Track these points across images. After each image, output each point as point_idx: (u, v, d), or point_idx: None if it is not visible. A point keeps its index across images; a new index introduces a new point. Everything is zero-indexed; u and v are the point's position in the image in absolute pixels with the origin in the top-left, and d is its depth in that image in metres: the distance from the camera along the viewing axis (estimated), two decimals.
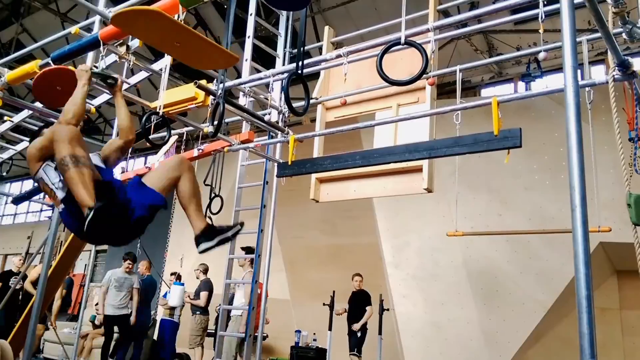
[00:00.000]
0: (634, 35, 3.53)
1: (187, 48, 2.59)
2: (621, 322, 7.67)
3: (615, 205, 5.91)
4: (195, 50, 2.61)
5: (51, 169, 2.68)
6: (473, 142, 3.54)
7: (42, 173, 2.69)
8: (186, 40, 2.54)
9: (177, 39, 2.54)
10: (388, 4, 8.72)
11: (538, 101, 7.26)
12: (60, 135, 2.58)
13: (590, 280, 1.74)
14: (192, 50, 2.61)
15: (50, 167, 2.68)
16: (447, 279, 8.02)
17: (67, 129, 2.60)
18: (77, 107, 2.73)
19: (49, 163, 2.69)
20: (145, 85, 10.04)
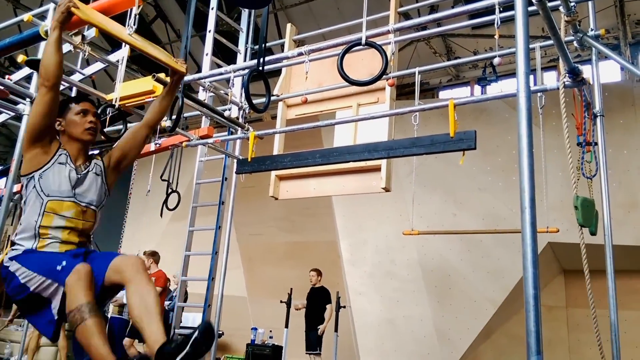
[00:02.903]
0: (584, 44, 3.69)
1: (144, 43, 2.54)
2: (567, 320, 8.00)
3: (564, 206, 6.16)
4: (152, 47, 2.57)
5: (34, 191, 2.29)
6: (430, 143, 3.62)
7: (25, 182, 2.32)
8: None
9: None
10: (350, 3, 8.78)
11: (493, 105, 7.48)
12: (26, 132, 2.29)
13: (538, 280, 1.81)
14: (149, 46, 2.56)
15: (34, 183, 2.29)
16: (402, 276, 8.15)
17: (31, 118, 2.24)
18: (48, 62, 2.20)
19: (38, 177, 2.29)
20: (101, 77, 9.77)
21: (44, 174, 2.28)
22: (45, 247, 2.23)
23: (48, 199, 2.26)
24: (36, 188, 2.27)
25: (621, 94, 7.41)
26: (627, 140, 7.16)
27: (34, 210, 2.26)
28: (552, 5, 3.17)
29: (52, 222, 2.25)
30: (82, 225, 2.32)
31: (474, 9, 3.14)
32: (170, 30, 10.76)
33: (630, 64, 7.86)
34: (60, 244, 2.25)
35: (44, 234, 2.24)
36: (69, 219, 2.28)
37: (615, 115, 7.11)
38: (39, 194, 2.27)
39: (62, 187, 2.29)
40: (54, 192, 2.28)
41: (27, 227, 2.26)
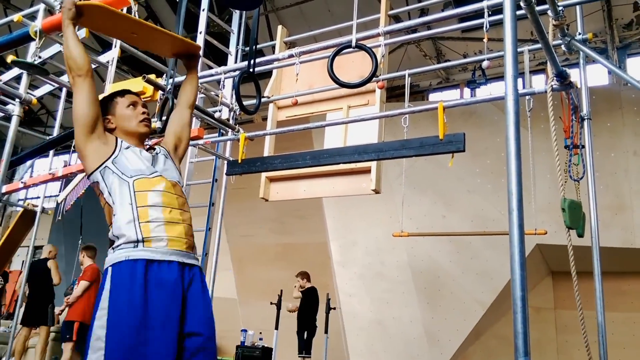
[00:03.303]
0: (572, 47, 3.73)
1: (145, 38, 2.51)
2: (555, 321, 8.07)
3: (552, 208, 6.21)
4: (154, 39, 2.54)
5: (115, 176, 2.11)
6: (419, 146, 3.65)
7: (99, 176, 2.14)
8: (142, 32, 2.48)
9: (133, 30, 2.47)
10: (341, 6, 8.81)
11: (482, 107, 7.53)
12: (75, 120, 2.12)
13: (525, 281, 1.83)
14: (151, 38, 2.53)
15: (111, 171, 2.12)
16: (392, 278, 8.18)
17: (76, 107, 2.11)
18: (74, 55, 2.13)
19: (111, 165, 2.12)
20: None
21: (116, 160, 2.12)
22: (152, 239, 2.01)
23: (133, 179, 2.09)
24: (116, 173, 2.10)
25: (608, 97, 7.49)
26: (614, 143, 7.24)
27: (123, 196, 2.06)
28: (540, 9, 3.21)
29: (148, 200, 2.06)
30: (177, 201, 2.14)
31: (464, 12, 3.16)
32: None
33: (618, 68, 7.96)
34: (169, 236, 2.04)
35: (144, 217, 2.02)
36: (164, 192, 2.11)
37: (602, 119, 7.19)
38: (121, 178, 2.09)
39: (142, 165, 2.14)
40: (136, 172, 2.11)
41: (122, 218, 2.04)
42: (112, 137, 2.20)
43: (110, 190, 2.09)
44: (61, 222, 7.36)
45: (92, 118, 2.13)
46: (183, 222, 2.12)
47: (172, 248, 2.04)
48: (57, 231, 12.50)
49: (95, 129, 2.14)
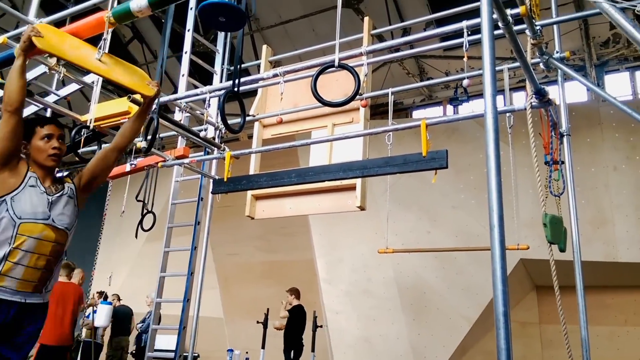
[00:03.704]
0: (551, 65, 3.83)
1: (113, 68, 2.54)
2: (540, 336, 8.11)
3: (535, 223, 6.29)
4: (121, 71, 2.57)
5: (7, 213, 2.23)
6: (403, 163, 3.70)
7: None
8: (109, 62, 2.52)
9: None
10: (325, 25, 8.93)
11: (464, 124, 7.64)
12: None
13: (507, 298, 1.85)
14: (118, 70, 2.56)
15: (6, 206, 2.24)
16: (379, 294, 8.18)
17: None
18: (11, 88, 2.21)
19: (9, 200, 2.25)
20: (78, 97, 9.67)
21: (15, 197, 2.24)
22: (5, 279, 2.18)
23: (20, 221, 2.22)
24: (9, 211, 2.21)
25: (587, 113, 7.66)
26: (594, 158, 7.39)
27: (5, 234, 2.20)
28: (518, 29, 3.30)
29: (24, 245, 2.21)
30: (50, 249, 2.28)
31: (444, 32, 3.24)
32: (147, 51, 10.76)
33: (596, 85, 8.14)
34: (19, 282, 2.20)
35: (11, 260, 2.19)
36: (41, 241, 2.25)
37: (582, 134, 7.33)
38: (12, 217, 2.21)
39: (38, 209, 2.26)
40: (28, 215, 2.23)
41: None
42: (24, 169, 2.30)
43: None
44: None
45: (10, 152, 2.23)
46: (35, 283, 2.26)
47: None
48: None
49: (10, 162, 2.24)
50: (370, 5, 8.43)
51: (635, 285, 7.56)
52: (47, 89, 4.23)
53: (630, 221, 7.06)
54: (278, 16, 9.48)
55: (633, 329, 7.58)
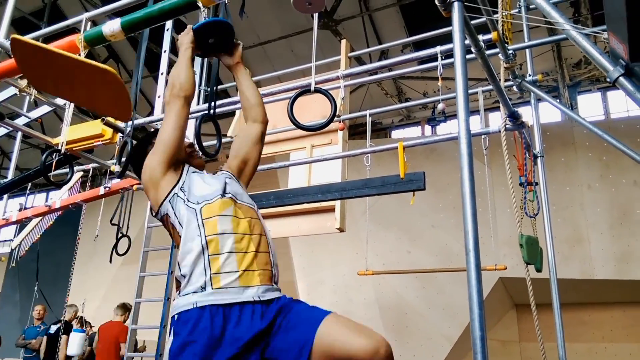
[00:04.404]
0: (523, 88, 3.90)
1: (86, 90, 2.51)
2: (520, 354, 8.12)
3: (513, 242, 6.32)
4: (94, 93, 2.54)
5: (183, 205, 1.90)
6: (381, 185, 3.71)
7: (168, 206, 1.93)
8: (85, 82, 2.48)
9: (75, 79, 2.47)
10: (304, 46, 8.99)
11: (443, 144, 7.69)
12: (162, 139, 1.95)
13: (484, 321, 1.85)
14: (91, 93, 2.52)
15: (181, 199, 1.91)
16: (360, 315, 8.11)
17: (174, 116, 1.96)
18: (183, 76, 2.04)
19: (179, 192, 1.93)
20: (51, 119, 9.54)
21: (183, 186, 1.94)
22: (221, 278, 1.76)
23: (200, 205, 1.88)
24: (184, 201, 1.90)
25: (562, 133, 7.81)
26: (569, 177, 7.51)
27: (191, 223, 1.85)
28: (491, 53, 3.35)
29: (217, 228, 1.83)
30: (250, 225, 1.89)
31: (419, 56, 3.28)
32: (123, 70, 10.69)
33: (569, 105, 8.32)
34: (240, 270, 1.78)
35: (214, 253, 1.79)
36: (233, 217, 1.88)
37: (556, 154, 7.47)
38: (189, 206, 1.89)
39: (210, 189, 1.94)
40: (203, 198, 1.91)
41: (188, 250, 1.82)
42: (180, 164, 2.03)
43: (180, 222, 1.88)
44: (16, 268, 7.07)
45: (179, 145, 1.98)
46: (264, 273, 1.88)
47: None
48: (11, 277, 11.99)
49: (177, 158, 1.98)
50: (348, 27, 8.53)
51: (611, 302, 7.65)
52: (18, 111, 4.16)
53: (604, 239, 7.17)
54: (256, 37, 9.53)
55: (610, 345, 7.65)
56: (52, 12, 8.86)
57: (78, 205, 5.15)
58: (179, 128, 1.97)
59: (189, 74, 2.06)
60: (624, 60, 2.16)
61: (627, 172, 7.14)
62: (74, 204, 5.11)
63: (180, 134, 1.97)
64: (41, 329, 7.74)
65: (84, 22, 3.19)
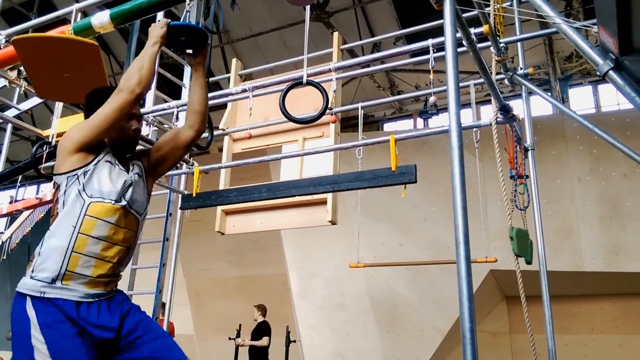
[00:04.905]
0: (515, 82, 3.91)
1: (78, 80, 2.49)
2: (511, 345, 8.20)
3: (504, 234, 6.35)
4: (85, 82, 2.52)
5: (76, 190, 1.93)
6: (372, 177, 3.71)
7: (64, 181, 1.95)
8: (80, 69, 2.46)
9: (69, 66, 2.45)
10: (296, 38, 8.96)
11: (434, 136, 7.71)
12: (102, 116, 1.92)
13: (474, 314, 1.87)
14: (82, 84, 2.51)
15: (77, 183, 1.94)
16: (352, 308, 8.16)
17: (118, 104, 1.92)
18: (144, 71, 1.97)
19: (81, 175, 1.95)
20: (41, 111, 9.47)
21: (87, 172, 1.95)
22: (71, 280, 1.86)
23: (90, 200, 1.92)
24: (79, 187, 1.93)
25: (552, 126, 7.84)
26: (560, 170, 7.56)
27: (71, 214, 1.90)
28: (482, 46, 3.36)
29: (93, 230, 1.90)
30: (124, 238, 1.99)
31: (410, 49, 3.28)
32: (114, 62, 10.61)
33: (560, 98, 8.36)
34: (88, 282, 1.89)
35: (78, 248, 1.87)
36: (114, 225, 1.95)
37: (547, 147, 7.50)
38: (80, 194, 1.92)
39: (110, 188, 1.97)
40: (99, 194, 1.94)
41: (57, 234, 1.90)
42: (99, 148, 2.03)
43: (65, 201, 1.93)
44: (7, 261, 7.03)
45: (102, 135, 1.98)
46: (107, 280, 1.98)
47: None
48: (2, 270, 11.91)
49: (94, 146, 1.99)
50: (340, 19, 8.51)
51: (600, 294, 7.73)
52: (8, 102, 4.12)
53: (594, 231, 7.23)
54: (249, 29, 9.48)
55: (599, 336, 7.74)
56: (42, 3, 8.76)
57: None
58: (115, 122, 1.95)
59: (151, 70, 2.01)
60: (614, 54, 2.17)
61: (617, 165, 7.19)
62: None
63: (112, 128, 1.96)
64: None
65: (74, 13, 3.16)
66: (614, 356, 7.16)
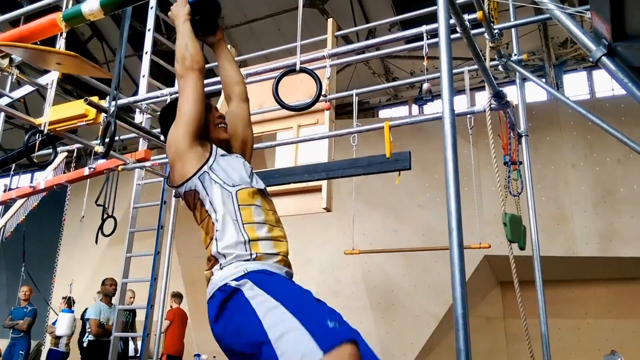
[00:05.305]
0: (509, 68, 3.91)
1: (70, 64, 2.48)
2: (505, 330, 8.29)
3: (498, 220, 6.37)
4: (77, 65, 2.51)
5: (217, 185, 1.85)
6: (367, 164, 3.72)
7: (198, 183, 1.87)
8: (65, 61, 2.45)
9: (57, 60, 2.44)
10: (291, 24, 8.90)
11: (429, 123, 7.71)
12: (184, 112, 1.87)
13: (466, 300, 1.88)
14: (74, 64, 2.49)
15: (213, 179, 1.86)
16: (347, 294, 8.21)
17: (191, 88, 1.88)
18: (191, 48, 1.96)
19: (210, 171, 1.87)
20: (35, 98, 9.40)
21: (213, 165, 1.89)
22: (264, 258, 1.77)
23: (235, 189, 1.86)
24: (217, 181, 1.86)
25: (547, 112, 7.85)
26: (554, 156, 7.58)
27: (227, 205, 1.82)
28: (476, 32, 3.35)
29: (253, 217, 1.84)
30: (275, 218, 1.94)
31: (404, 36, 3.26)
32: (107, 49, 10.52)
33: (554, 84, 8.35)
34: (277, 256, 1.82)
35: (253, 236, 1.79)
36: (265, 209, 1.90)
37: (542, 133, 7.52)
38: (223, 187, 1.85)
39: (239, 175, 1.92)
40: (237, 182, 1.88)
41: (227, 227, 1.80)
42: (207, 144, 1.96)
43: (211, 201, 1.85)
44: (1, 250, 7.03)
45: (201, 118, 1.91)
46: (285, 240, 1.93)
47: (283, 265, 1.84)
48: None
49: (200, 134, 1.92)
50: (335, 6, 8.44)
51: (594, 278, 7.80)
52: (0, 90, 4.08)
53: (588, 217, 7.28)
54: (243, 15, 9.41)
55: (593, 320, 7.83)
56: None
57: (63, 186, 5.09)
58: (198, 101, 1.90)
59: (196, 46, 1.98)
60: (607, 40, 2.17)
61: (611, 151, 7.22)
62: (58, 185, 5.06)
63: (201, 107, 1.91)
64: (28, 310, 7.75)
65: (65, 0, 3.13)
66: (607, 340, 7.24)
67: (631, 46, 2.10)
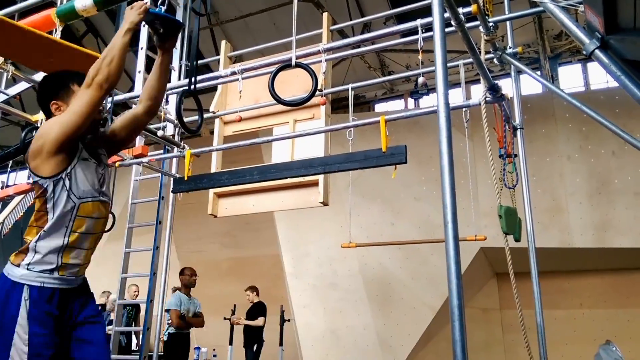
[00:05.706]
0: (504, 61, 3.93)
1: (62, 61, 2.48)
2: (501, 321, 8.35)
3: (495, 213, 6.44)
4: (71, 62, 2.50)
5: (65, 190, 1.99)
6: (363, 158, 3.74)
7: (50, 185, 1.98)
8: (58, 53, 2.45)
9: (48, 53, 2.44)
10: (286, 19, 8.87)
11: (425, 117, 7.73)
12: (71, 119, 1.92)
13: (462, 291, 1.91)
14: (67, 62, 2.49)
15: (65, 187, 1.98)
16: (345, 287, 8.26)
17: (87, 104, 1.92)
18: (114, 66, 1.94)
19: (65, 179, 1.99)
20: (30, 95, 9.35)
21: (70, 173, 2.00)
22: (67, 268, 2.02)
23: (80, 201, 2.01)
24: (68, 191, 1.99)
25: (542, 105, 7.88)
26: (549, 148, 7.62)
27: (64, 217, 1.98)
28: (471, 26, 3.36)
29: (84, 227, 2.03)
30: (101, 225, 2.13)
31: (399, 30, 3.28)
32: (102, 45, 10.48)
33: (549, 77, 8.38)
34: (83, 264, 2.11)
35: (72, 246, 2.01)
36: (96, 219, 2.08)
37: (537, 125, 7.55)
38: (71, 198, 1.99)
39: (89, 185, 2.04)
40: (84, 194, 2.03)
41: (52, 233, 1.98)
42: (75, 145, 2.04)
43: (55, 204, 1.98)
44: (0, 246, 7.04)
45: (80, 132, 1.98)
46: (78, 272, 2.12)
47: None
48: None
49: (72, 143, 2.00)
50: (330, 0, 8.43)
51: (588, 269, 7.87)
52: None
53: (583, 208, 7.33)
54: (238, 10, 9.38)
55: (588, 311, 7.90)
56: None
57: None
58: (88, 117, 1.95)
59: (120, 64, 1.98)
60: (600, 33, 2.20)
61: (606, 143, 7.26)
62: None
63: (86, 122, 1.96)
64: None
65: None
66: (602, 330, 7.31)
67: (624, 39, 2.12)
